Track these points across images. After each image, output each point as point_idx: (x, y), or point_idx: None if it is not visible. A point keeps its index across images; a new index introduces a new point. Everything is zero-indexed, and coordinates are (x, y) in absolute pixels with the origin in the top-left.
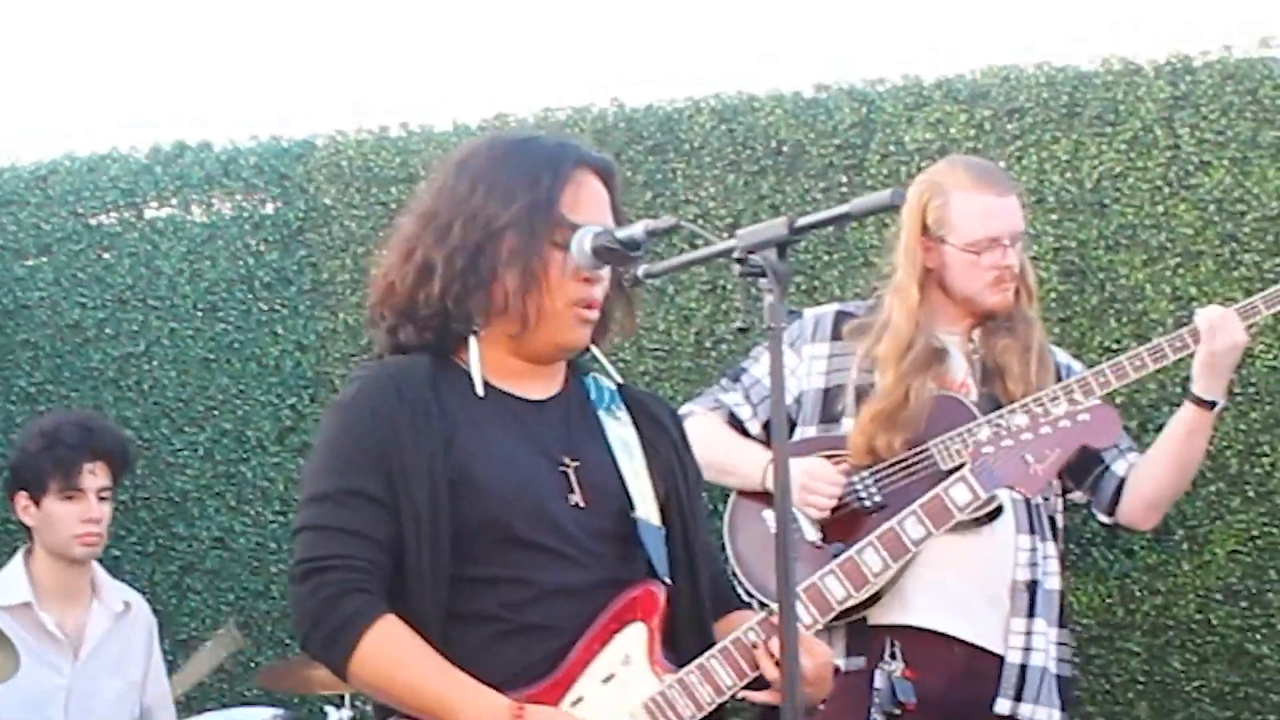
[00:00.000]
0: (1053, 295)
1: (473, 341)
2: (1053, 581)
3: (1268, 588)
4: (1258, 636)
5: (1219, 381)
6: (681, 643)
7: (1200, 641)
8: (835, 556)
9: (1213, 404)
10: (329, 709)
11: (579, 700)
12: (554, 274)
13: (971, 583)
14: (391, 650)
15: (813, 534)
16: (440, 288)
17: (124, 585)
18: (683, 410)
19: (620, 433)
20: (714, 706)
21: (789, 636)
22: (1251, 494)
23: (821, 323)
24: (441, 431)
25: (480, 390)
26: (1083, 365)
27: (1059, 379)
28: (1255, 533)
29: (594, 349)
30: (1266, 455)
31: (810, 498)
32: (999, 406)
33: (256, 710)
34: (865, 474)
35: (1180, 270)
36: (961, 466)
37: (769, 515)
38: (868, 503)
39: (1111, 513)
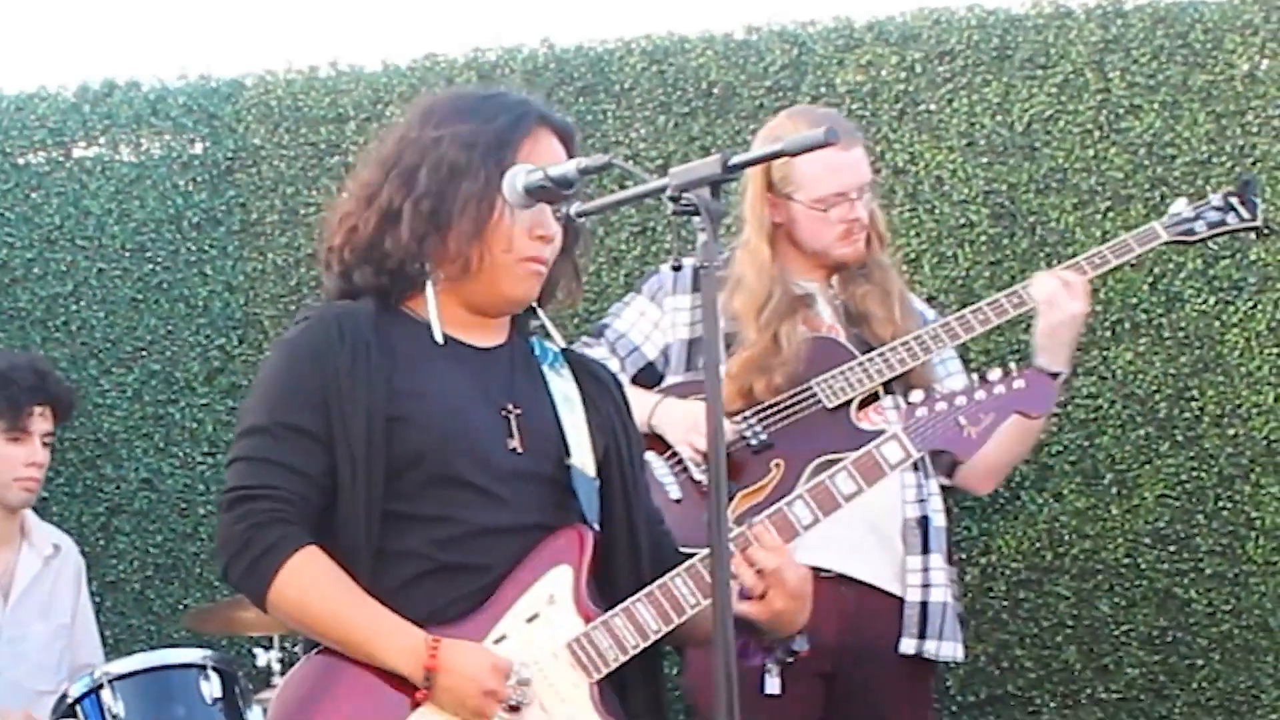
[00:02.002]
0: (983, 239)
1: (429, 288)
2: (940, 518)
3: (1195, 532)
4: (1186, 581)
5: (1061, 352)
6: (619, 594)
7: (1129, 585)
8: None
9: (1056, 374)
10: (258, 650)
11: (502, 638)
12: (505, 225)
13: (862, 521)
14: (310, 581)
15: (699, 474)
16: (408, 232)
17: (53, 528)
18: None
19: (562, 386)
20: (638, 650)
21: (720, 589)
22: (1180, 439)
23: (681, 275)
24: (381, 369)
25: (439, 336)
26: (936, 314)
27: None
28: (1184, 477)
29: (540, 312)
30: (1195, 400)
31: (693, 437)
32: (870, 349)
33: (184, 651)
34: (749, 413)
35: (1110, 214)
36: (849, 404)
37: (652, 457)
38: (753, 441)
39: (950, 474)
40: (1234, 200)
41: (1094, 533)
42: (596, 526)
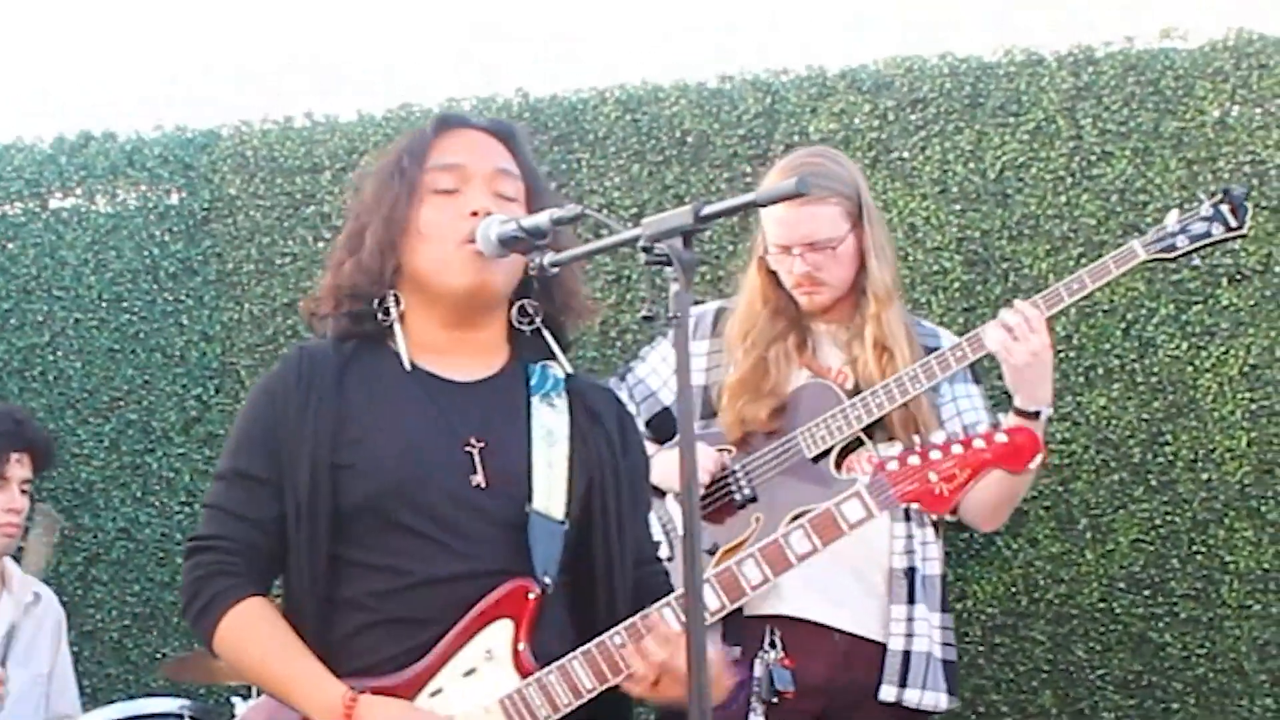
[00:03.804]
0: (956, 285)
1: (394, 314)
2: (933, 567)
3: (1170, 576)
4: (1160, 625)
5: (1037, 390)
6: (582, 640)
7: (1104, 630)
8: (709, 552)
9: (1037, 413)
10: (236, 700)
11: (438, 692)
12: (430, 219)
13: (846, 572)
14: (246, 631)
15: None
16: (336, 276)
17: (31, 577)
18: None
19: (548, 420)
20: (571, 709)
21: (695, 635)
22: (1154, 483)
23: (702, 320)
24: (330, 413)
25: (406, 364)
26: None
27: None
28: (1158, 522)
29: (546, 335)
30: (1169, 445)
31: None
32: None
33: (163, 701)
34: (738, 467)
35: (1083, 260)
36: (828, 453)
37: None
38: (737, 496)
39: (954, 511)
40: (1223, 208)
41: (1069, 577)
42: (547, 579)
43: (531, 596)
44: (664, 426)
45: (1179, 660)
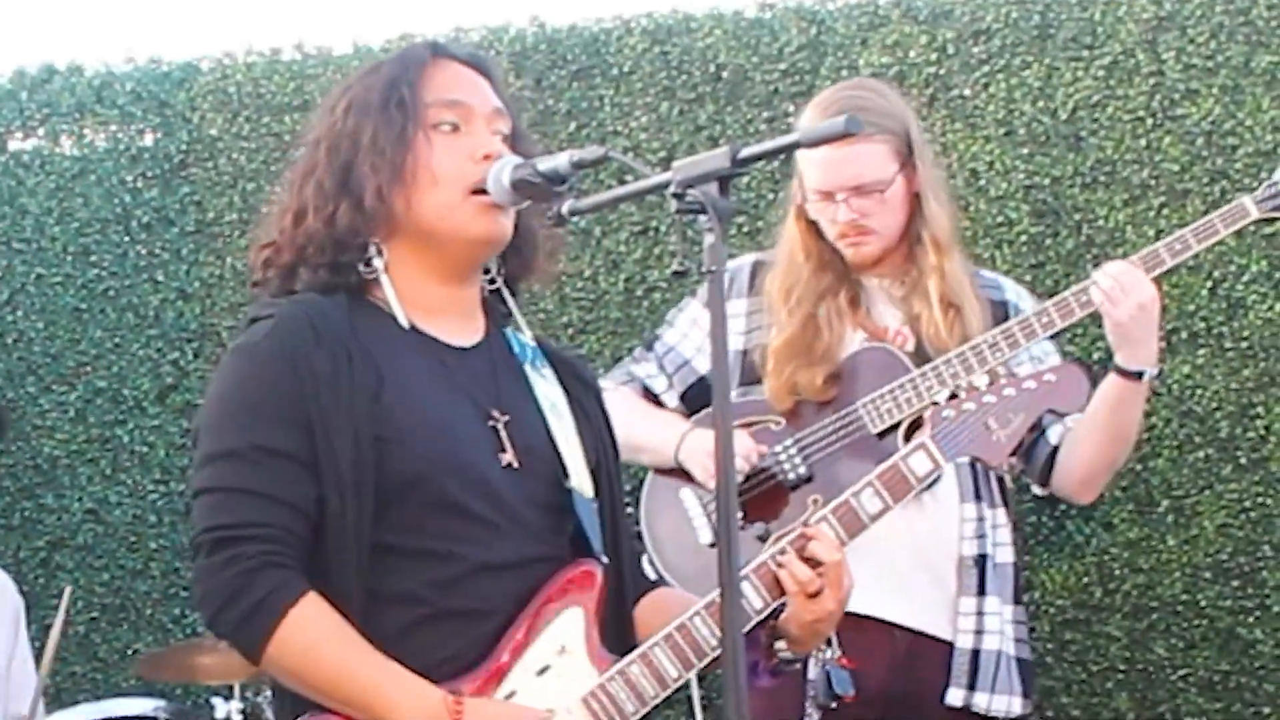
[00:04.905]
0: (1023, 238)
1: (379, 266)
2: (1004, 554)
3: (1261, 565)
4: (1250, 620)
5: (1140, 349)
6: (607, 627)
7: (1187, 625)
8: (760, 538)
9: (1140, 374)
10: (216, 700)
11: (512, 694)
12: (439, 161)
13: (912, 560)
14: (314, 633)
15: None
16: (316, 218)
17: None
18: None
19: (548, 392)
20: (658, 700)
21: (731, 624)
22: (1244, 461)
23: (738, 276)
24: (365, 379)
25: (404, 321)
26: (1033, 300)
27: (1007, 319)
28: (1248, 504)
29: (507, 296)
30: (1260, 418)
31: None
32: (928, 360)
33: (135, 702)
34: (789, 443)
35: (1165, 211)
36: (896, 428)
37: (687, 495)
38: (791, 475)
39: (1045, 483)
40: None
41: (1148, 566)
42: (605, 558)
43: (599, 579)
44: (701, 398)
45: (1270, 659)
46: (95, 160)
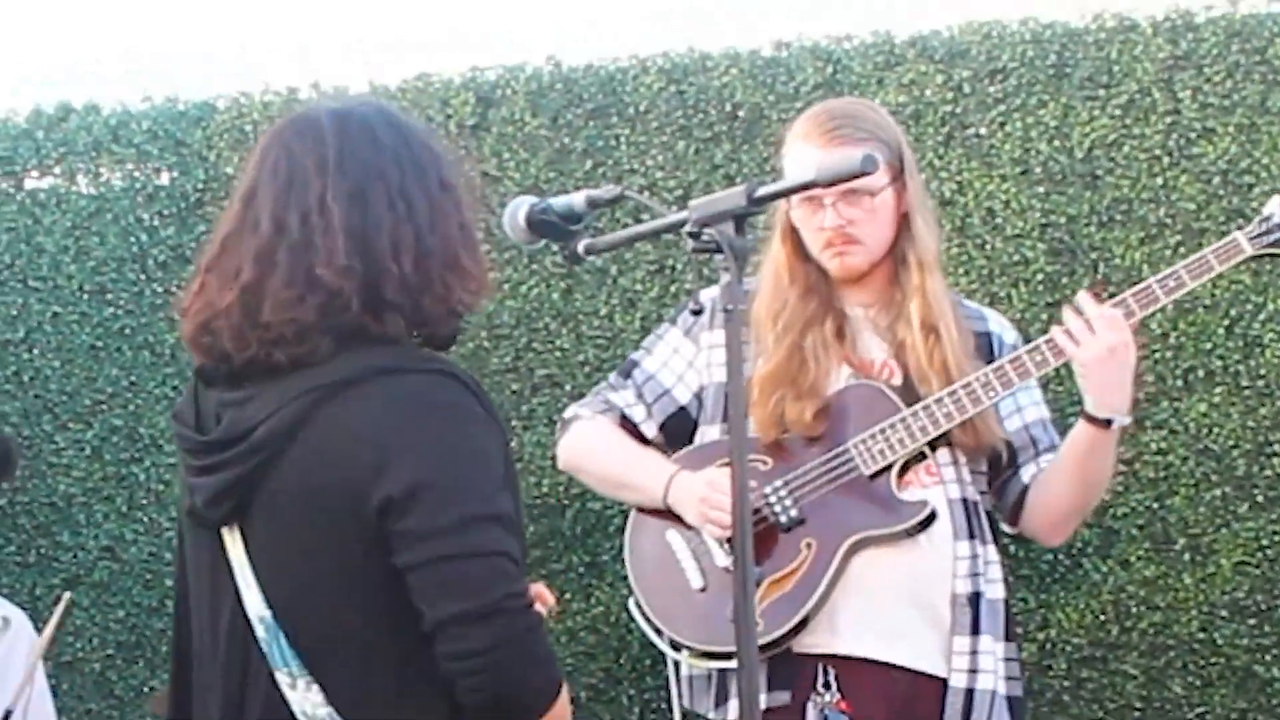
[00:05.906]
0: (1039, 277)
1: None
2: (996, 590)
3: (1278, 603)
4: (1267, 658)
5: (1109, 394)
6: None
7: (1204, 663)
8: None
9: (1108, 421)
10: None
11: None
12: None
13: (907, 601)
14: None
15: (724, 557)
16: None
17: (3, 600)
18: (567, 413)
19: None
20: None
21: (746, 655)
22: (1260, 499)
23: (719, 305)
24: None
25: None
26: (1016, 336)
27: (989, 352)
28: (1265, 542)
29: None
30: (1277, 455)
31: (712, 513)
32: (917, 397)
33: None
34: (779, 484)
35: (1181, 250)
36: (889, 469)
37: (674, 538)
38: (783, 518)
39: (1015, 523)
40: None
41: (1165, 604)
42: None
43: None
44: (680, 429)
45: None
46: (112, 199)
